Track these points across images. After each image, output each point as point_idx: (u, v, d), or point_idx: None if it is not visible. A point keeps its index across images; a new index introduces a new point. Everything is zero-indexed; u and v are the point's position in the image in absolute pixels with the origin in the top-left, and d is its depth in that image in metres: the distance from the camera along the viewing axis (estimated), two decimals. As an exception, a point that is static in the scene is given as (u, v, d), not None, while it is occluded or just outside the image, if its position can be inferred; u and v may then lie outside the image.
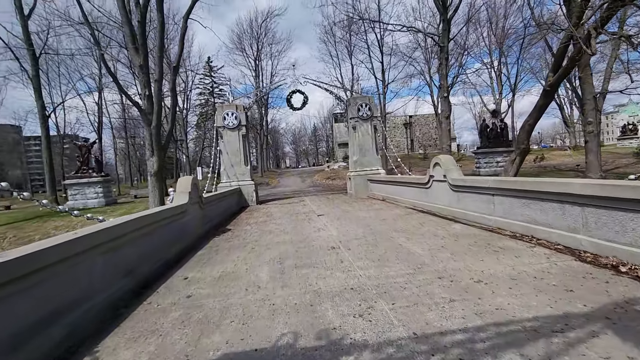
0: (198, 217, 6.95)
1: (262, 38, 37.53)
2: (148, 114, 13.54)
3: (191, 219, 6.44)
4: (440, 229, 5.73)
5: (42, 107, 19.31)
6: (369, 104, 13.76)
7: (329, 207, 10.46)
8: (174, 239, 5.48)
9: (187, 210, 6.20)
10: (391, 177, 11.13)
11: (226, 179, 13.29)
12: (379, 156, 14.15)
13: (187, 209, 6.14)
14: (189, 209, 6.30)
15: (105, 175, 18.42)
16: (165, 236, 5.16)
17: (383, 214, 8.00)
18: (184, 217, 6.07)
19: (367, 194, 13.45)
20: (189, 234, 6.19)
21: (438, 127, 41.46)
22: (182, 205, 5.95)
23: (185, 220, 6.11)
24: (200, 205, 7.19)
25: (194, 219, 6.64)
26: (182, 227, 5.94)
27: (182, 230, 5.92)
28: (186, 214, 6.14)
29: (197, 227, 6.78)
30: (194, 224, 6.60)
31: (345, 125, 14.56)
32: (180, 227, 5.83)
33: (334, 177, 30.13)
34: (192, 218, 6.48)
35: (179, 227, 5.80)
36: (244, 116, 13.38)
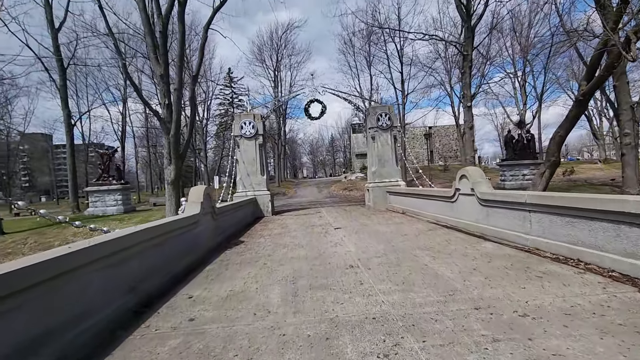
0: (210, 229, 6.69)
1: (281, 49, 38.01)
2: (167, 122, 13.62)
3: (203, 231, 6.18)
4: (469, 247, 5.23)
5: (68, 116, 19.91)
6: (389, 113, 13.37)
7: (346, 219, 10.05)
8: (184, 251, 5.20)
9: (199, 221, 5.94)
10: (412, 189, 10.64)
11: (242, 188, 13.10)
12: (398, 167, 13.67)
13: (198, 220, 5.88)
14: (201, 220, 6.05)
15: (124, 183, 18.67)
16: (175, 248, 4.89)
17: (404, 229, 7.52)
18: (196, 228, 5.81)
19: (386, 207, 12.96)
20: (200, 246, 5.92)
21: (459, 138, 40.49)
22: (194, 216, 5.70)
23: (196, 231, 5.85)
24: (213, 216, 6.94)
25: (206, 231, 6.37)
26: (193, 239, 5.67)
27: (193, 242, 5.65)
28: (198, 225, 5.88)
29: (209, 238, 6.51)
30: (205, 236, 6.34)
31: (363, 136, 14.15)
32: (191, 238, 5.57)
33: (351, 188, 29.68)
34: (204, 229, 6.22)
35: (190, 238, 5.54)
36: (262, 125, 13.24)
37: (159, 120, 14.03)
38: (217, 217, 7.24)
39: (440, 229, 7.17)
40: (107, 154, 18.59)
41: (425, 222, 8.43)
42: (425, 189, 9.88)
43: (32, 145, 65.68)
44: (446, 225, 7.56)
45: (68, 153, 20.03)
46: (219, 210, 7.33)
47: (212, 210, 6.89)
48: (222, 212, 7.68)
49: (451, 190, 7.50)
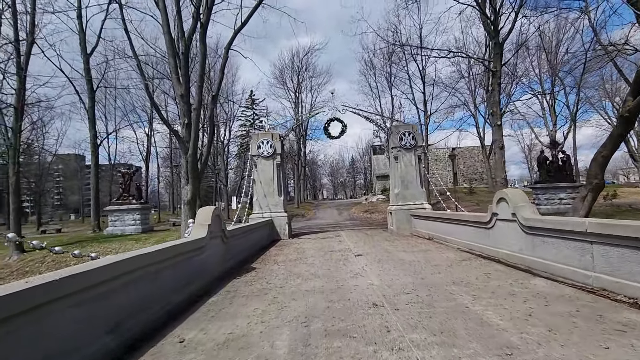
0: (219, 253, 6.15)
1: (302, 72, 38.49)
2: (186, 142, 13.52)
3: (210, 256, 5.63)
4: (515, 284, 4.40)
5: (94, 137, 20.45)
6: (413, 132, 12.73)
7: (368, 245, 9.29)
8: (186, 280, 4.65)
9: (206, 246, 5.41)
10: (440, 213, 9.81)
11: (258, 209, 12.63)
12: (423, 189, 12.87)
13: (205, 245, 5.35)
14: (208, 244, 5.52)
15: (143, 203, 18.68)
16: (174, 277, 4.35)
17: (433, 258, 6.71)
18: (202, 253, 5.28)
19: (410, 231, 12.09)
20: (206, 273, 5.36)
21: (485, 160, 39.05)
22: (200, 240, 5.18)
23: (203, 257, 5.31)
24: (223, 239, 6.41)
25: (214, 256, 5.83)
26: (199, 266, 5.13)
27: (199, 269, 5.11)
28: (204, 250, 5.35)
29: (217, 264, 5.95)
30: (213, 261, 5.79)
31: (386, 156, 13.55)
32: (195, 265, 5.03)
33: (372, 210, 28.74)
34: (211, 254, 5.68)
35: (195, 265, 5.00)
36: (280, 145, 12.88)
37: (177, 139, 13.98)
38: (228, 241, 6.71)
39: (475, 260, 6.32)
40: (128, 173, 18.78)
41: (456, 250, 7.57)
42: (455, 212, 9.04)
43: (65, 165, 68.83)
44: (481, 254, 6.69)
45: (92, 172, 20.43)
46: (230, 233, 6.80)
47: (222, 234, 6.37)
48: (234, 236, 7.14)
49: (486, 215, 6.68)
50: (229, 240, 6.77)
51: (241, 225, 8.01)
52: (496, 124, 13.14)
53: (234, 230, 7.21)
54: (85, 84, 20.64)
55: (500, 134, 13.14)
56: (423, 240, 9.73)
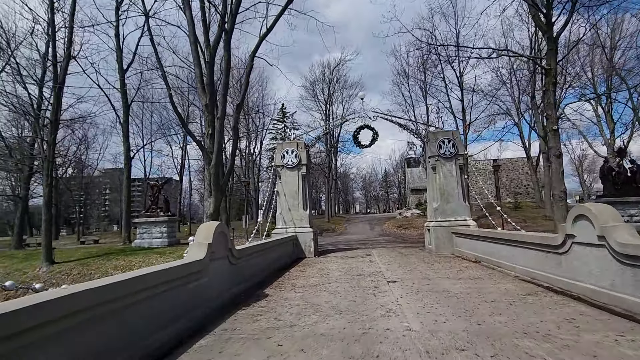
0: (224, 277, 5.22)
1: (333, 83, 37.94)
2: (209, 153, 13.04)
3: (211, 281, 4.71)
4: (624, 341, 3.04)
5: (127, 149, 20.82)
6: (453, 139, 11.36)
7: (403, 267, 8.00)
8: (173, 313, 3.73)
9: (205, 270, 4.50)
10: (490, 232, 8.32)
11: (282, 224, 11.72)
12: (466, 203, 11.36)
13: (203, 268, 4.44)
14: (208, 268, 4.61)
15: (171, 215, 18.48)
16: (154, 313, 3.44)
17: (487, 290, 5.35)
18: (199, 278, 4.36)
19: (452, 251, 10.61)
20: (205, 302, 4.43)
21: (531, 172, 35.93)
22: (195, 264, 4.27)
23: (200, 283, 4.39)
24: (230, 260, 5.48)
25: (217, 281, 4.90)
26: (193, 294, 4.20)
27: (192, 298, 4.18)
28: (202, 274, 4.43)
29: (220, 290, 5.01)
30: (215, 287, 4.86)
31: (422, 167, 12.23)
32: (188, 294, 4.11)
33: (407, 225, 27.00)
34: (213, 279, 4.75)
35: (187, 294, 4.08)
36: (305, 155, 11.99)
37: (201, 150, 13.56)
38: (238, 262, 5.77)
39: (543, 294, 4.91)
40: (157, 185, 18.73)
41: (513, 279, 6.13)
42: (510, 232, 7.54)
43: (111, 179, 73.04)
44: (550, 287, 5.25)
45: (124, 185, 20.73)
46: (240, 253, 5.87)
47: (229, 254, 5.45)
48: (246, 255, 6.21)
49: (556, 236, 5.26)
50: (239, 261, 5.83)
51: (255, 244, 7.08)
52: (552, 129, 11.43)
53: (246, 249, 6.28)
54: (121, 99, 21.18)
55: (556, 141, 11.40)
56: (468, 264, 8.27)
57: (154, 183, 19.09)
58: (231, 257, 5.50)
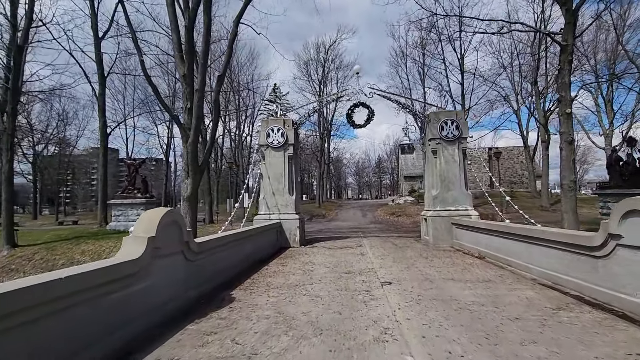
0: (176, 279, 4.10)
1: (328, 63, 36.24)
2: (187, 129, 11.73)
3: (155, 285, 3.60)
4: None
5: (103, 125, 19.28)
6: (457, 120, 10.24)
7: (399, 263, 6.98)
8: (81, 339, 2.62)
9: (145, 271, 3.38)
10: (499, 225, 7.29)
11: (265, 210, 10.60)
12: (468, 192, 10.35)
13: (140, 270, 3.32)
14: (151, 268, 3.49)
15: (149, 197, 17.20)
16: (46, 341, 2.33)
17: (503, 297, 4.33)
18: (132, 284, 3.24)
19: (451, 243, 9.67)
20: (141, 315, 3.33)
21: (528, 161, 35.16)
22: (126, 265, 3.14)
23: (134, 289, 3.28)
24: (187, 256, 4.36)
25: (164, 284, 3.79)
26: (122, 305, 3.09)
27: (122, 310, 3.07)
28: (138, 277, 3.31)
29: (170, 296, 3.91)
30: (163, 292, 3.75)
31: (422, 150, 11.12)
32: (116, 305, 3.00)
33: (399, 213, 26.13)
34: (157, 282, 3.64)
35: (113, 306, 2.97)
36: (293, 133, 10.77)
37: (178, 126, 12.22)
38: (198, 258, 4.66)
39: (578, 308, 3.90)
40: (134, 164, 17.36)
41: (532, 282, 5.14)
42: (525, 226, 6.51)
43: (98, 158, 70.90)
44: (580, 296, 4.26)
45: (99, 163, 19.30)
46: (201, 247, 4.75)
47: (186, 248, 4.32)
48: (209, 249, 5.08)
49: (594, 235, 4.22)
50: (200, 256, 4.72)
51: (225, 234, 5.93)
52: (564, 113, 10.35)
53: (210, 241, 5.15)
54: (97, 70, 19.49)
55: (569, 125, 10.36)
56: (472, 260, 7.29)
57: (130, 162, 17.68)
58: (188, 253, 4.38)
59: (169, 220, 3.88)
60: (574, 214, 10.40)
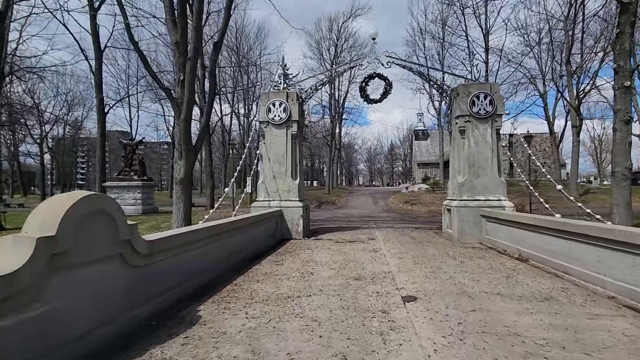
0: (114, 292, 2.83)
1: (341, 42, 34.19)
2: (179, 103, 10.43)
3: (62, 310, 2.32)
4: None
5: (100, 102, 18.09)
6: (491, 94, 8.64)
7: (422, 267, 5.61)
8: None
9: (37, 291, 2.11)
10: (554, 221, 5.76)
11: (264, 196, 9.32)
12: (502, 178, 8.83)
13: (23, 291, 2.04)
14: (53, 285, 2.22)
15: (147, 180, 16.14)
16: None
17: (589, 332, 2.94)
18: (12, 313, 1.98)
19: (479, 238, 8.26)
20: (37, 356, 2.08)
21: (553, 148, 32.84)
22: None
23: (20, 319, 2.01)
24: (129, 261, 3.08)
25: (84, 306, 2.52)
26: None
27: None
28: (25, 303, 2.04)
29: (97, 321, 2.65)
30: (83, 318, 2.49)
31: (447, 129, 9.51)
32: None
33: (414, 201, 24.60)
34: (67, 306, 2.37)
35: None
36: (297, 109, 9.36)
37: (170, 100, 10.92)
38: (153, 262, 3.39)
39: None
40: (130, 144, 16.28)
41: (610, 301, 3.73)
42: (595, 225, 4.99)
43: (111, 140, 71.24)
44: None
45: (98, 143, 18.27)
46: (157, 246, 3.46)
47: (127, 249, 3.04)
48: (172, 249, 3.78)
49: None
50: (156, 259, 3.44)
51: (198, 227, 4.60)
52: (622, 86, 8.63)
53: (174, 237, 3.85)
54: (92, 44, 18.22)
55: (627, 102, 8.65)
56: (514, 263, 5.87)
57: (126, 142, 16.61)
58: (131, 256, 3.09)
59: (88, 210, 2.57)
60: (628, 207, 8.80)
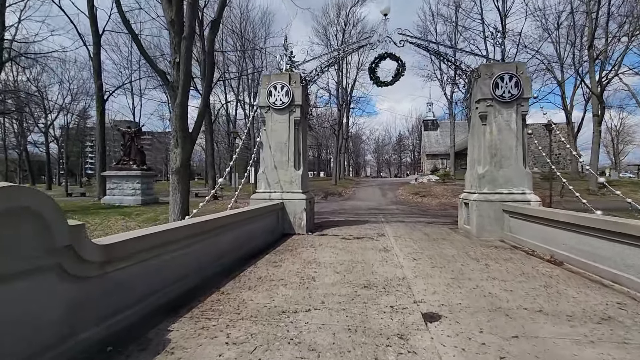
0: (49, 312, 2.12)
1: (349, 27, 32.95)
2: (175, 87, 9.71)
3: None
4: None
5: (99, 89, 17.43)
6: (517, 76, 7.70)
7: (442, 271, 4.83)
8: None
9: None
10: (600, 220, 4.92)
11: (264, 187, 8.59)
12: (527, 169, 7.95)
13: None
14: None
15: (146, 169, 15.53)
16: None
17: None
18: None
19: (500, 235, 7.46)
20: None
21: (570, 138, 31.48)
22: None
23: None
24: (70, 271, 2.36)
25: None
26: None
27: None
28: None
29: (20, 354, 1.96)
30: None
31: (466, 115, 8.54)
32: None
33: (424, 193, 23.71)
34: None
35: None
36: (301, 92, 8.54)
37: (165, 84, 10.20)
38: (109, 271, 2.68)
39: None
40: (129, 132, 15.64)
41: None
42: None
43: (115, 130, 71.51)
44: None
45: (97, 131, 17.68)
46: (114, 252, 2.74)
47: (69, 257, 2.32)
48: (136, 253, 3.06)
49: None
50: (112, 267, 2.72)
51: (175, 226, 3.86)
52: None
53: (140, 239, 3.12)
54: (90, 28, 17.49)
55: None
56: (548, 268, 5.06)
57: (125, 130, 15.96)
58: (73, 265, 2.37)
59: (2, 207, 1.85)
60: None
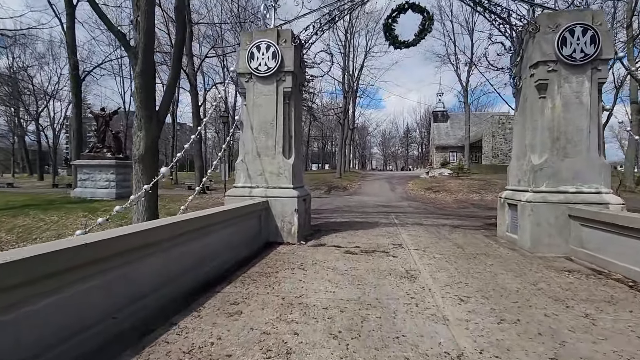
0: None
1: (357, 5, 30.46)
2: (135, 53, 7.66)
3: None
4: None
5: (74, 67, 15.38)
6: (593, 27, 5.51)
7: (516, 327, 2.74)
8: None
9: None
10: None
11: (244, 180, 6.54)
12: (602, 158, 5.81)
13: None
14: None
15: (121, 158, 13.58)
16: None
17: None
18: None
19: (566, 250, 5.38)
20: None
21: (631, 123, 29.01)
22: None
23: None
24: None
25: None
26: None
27: None
28: None
29: None
30: None
31: (512, 86, 6.23)
32: None
33: (437, 188, 21.54)
34: None
35: None
36: (293, 55, 6.40)
37: (125, 49, 8.15)
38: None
39: None
40: (102, 116, 13.66)
41: None
42: None
43: (129, 120, 70.26)
44: None
45: (72, 114, 15.76)
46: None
47: None
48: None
49: None
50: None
51: (42, 251, 1.78)
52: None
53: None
54: None
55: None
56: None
57: (97, 113, 13.96)
58: None
59: None
60: None
